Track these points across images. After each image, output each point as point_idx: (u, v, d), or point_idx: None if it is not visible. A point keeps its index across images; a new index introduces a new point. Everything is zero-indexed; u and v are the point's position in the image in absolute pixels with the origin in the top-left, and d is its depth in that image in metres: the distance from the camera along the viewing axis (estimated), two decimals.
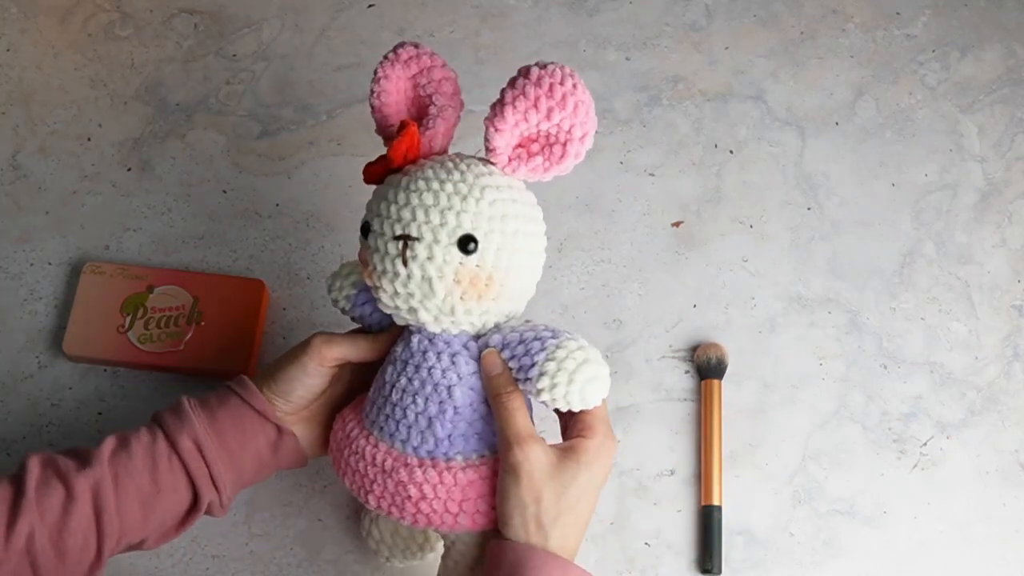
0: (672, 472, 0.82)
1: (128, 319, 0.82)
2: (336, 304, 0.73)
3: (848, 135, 0.93)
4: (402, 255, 0.61)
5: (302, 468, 0.78)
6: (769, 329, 0.86)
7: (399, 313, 0.65)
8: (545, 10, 0.97)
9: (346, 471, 0.67)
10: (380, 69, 0.67)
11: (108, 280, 0.83)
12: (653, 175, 0.91)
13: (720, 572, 0.78)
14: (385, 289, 0.63)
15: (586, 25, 0.96)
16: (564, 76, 0.60)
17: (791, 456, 0.82)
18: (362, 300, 0.71)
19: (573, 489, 0.61)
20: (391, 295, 0.63)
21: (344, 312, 0.72)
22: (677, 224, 0.90)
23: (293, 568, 0.78)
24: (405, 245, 0.61)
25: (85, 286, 0.83)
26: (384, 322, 0.70)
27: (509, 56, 0.94)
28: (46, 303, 0.85)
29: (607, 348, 0.85)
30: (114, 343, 0.82)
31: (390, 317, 0.67)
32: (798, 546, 0.80)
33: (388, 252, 0.62)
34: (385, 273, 0.62)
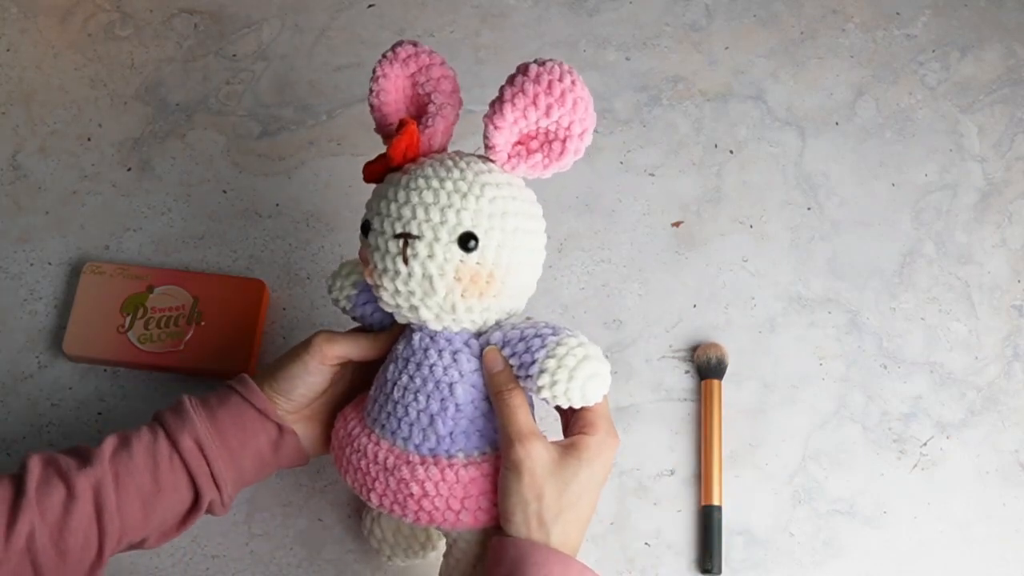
0: (672, 472, 0.82)
1: (128, 319, 0.82)
2: (337, 304, 0.72)
3: (848, 135, 0.93)
4: (403, 253, 0.61)
5: (303, 467, 0.78)
6: (769, 329, 0.86)
7: (400, 311, 0.65)
8: (545, 10, 0.97)
9: (348, 469, 0.67)
10: (379, 68, 0.67)
11: (108, 280, 0.83)
12: (653, 175, 0.91)
13: (720, 572, 0.78)
14: (386, 287, 0.63)
15: (586, 25, 0.96)
16: (563, 73, 0.60)
17: (791, 456, 0.82)
18: (363, 300, 0.71)
19: (575, 486, 0.62)
20: (392, 293, 0.63)
21: (345, 312, 0.72)
22: (677, 224, 0.90)
23: (293, 568, 0.78)
24: (405, 243, 0.61)
25: (85, 286, 0.83)
26: (386, 321, 0.70)
27: (509, 56, 0.94)
28: (46, 303, 0.85)
29: (607, 348, 0.85)
30: (114, 343, 0.82)
31: (392, 317, 0.67)
32: (798, 546, 0.80)
33: (389, 250, 0.62)
34: (386, 271, 0.62)
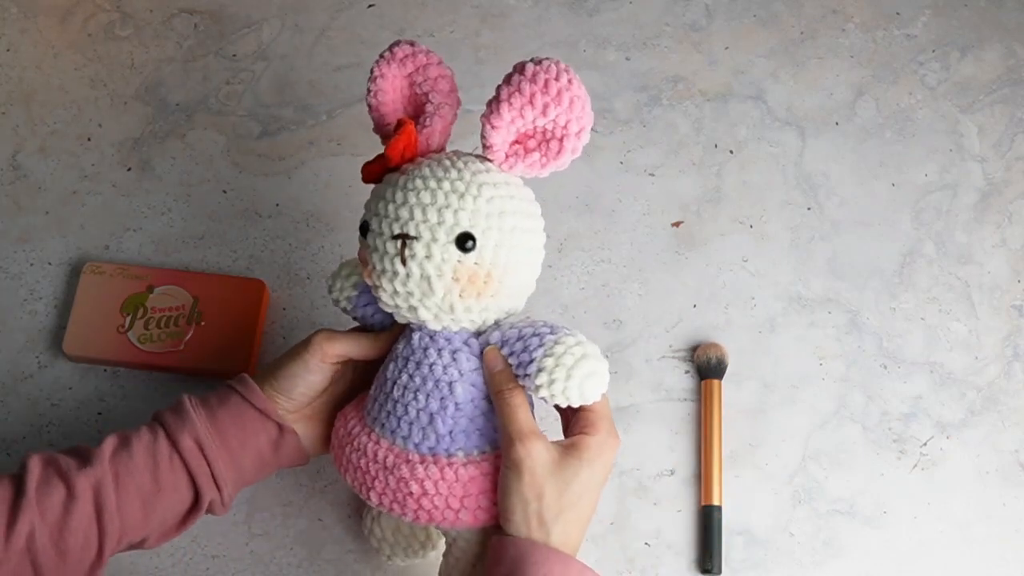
0: (672, 472, 0.81)
1: (128, 319, 0.82)
2: (337, 304, 0.73)
3: (848, 135, 0.93)
4: (401, 254, 0.61)
5: (303, 467, 0.78)
6: (769, 329, 0.86)
7: (399, 311, 0.65)
8: (545, 10, 0.97)
9: (348, 468, 0.67)
10: (376, 68, 0.67)
11: (108, 280, 0.83)
12: (653, 175, 0.91)
13: (720, 572, 0.78)
14: (385, 288, 0.63)
15: (586, 25, 0.96)
16: (559, 71, 0.60)
17: (791, 456, 0.82)
18: (364, 301, 0.71)
19: (575, 486, 0.61)
20: (391, 294, 0.63)
21: (346, 312, 0.73)
22: (677, 224, 0.90)
23: (293, 568, 0.78)
24: (403, 244, 0.61)
25: (85, 286, 0.83)
26: (387, 322, 0.70)
27: (509, 56, 0.94)
28: (46, 303, 0.85)
29: (607, 348, 0.85)
30: (114, 343, 0.82)
31: (392, 317, 0.67)
32: (798, 546, 0.80)
33: (387, 251, 0.62)
34: (384, 272, 0.62)
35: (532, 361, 0.62)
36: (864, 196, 0.91)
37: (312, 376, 0.69)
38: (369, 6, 0.97)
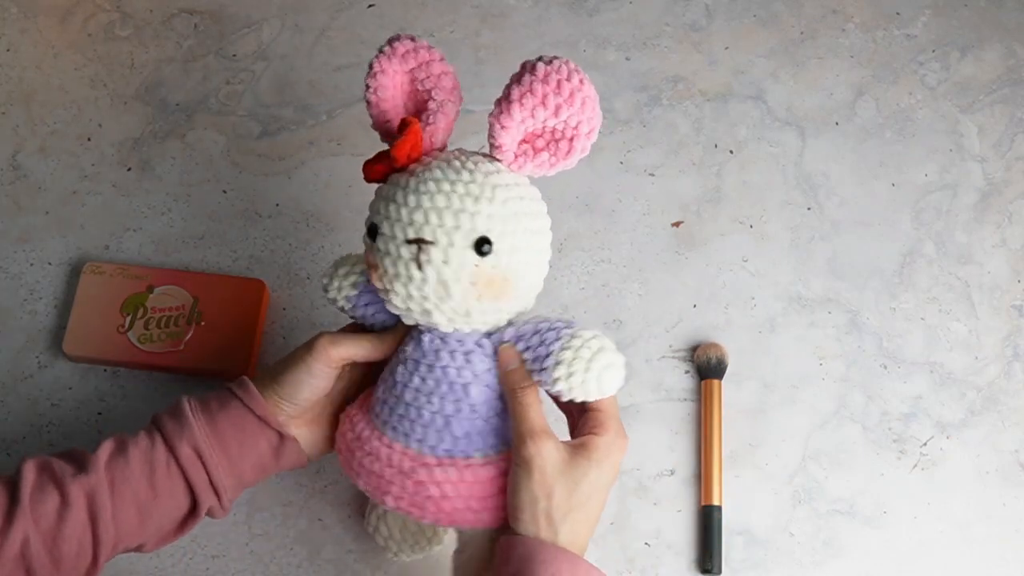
0: (672, 472, 0.82)
1: (128, 319, 0.82)
2: (335, 304, 0.71)
3: (848, 135, 0.93)
4: (416, 259, 0.60)
5: (302, 467, 0.78)
6: (769, 329, 0.86)
7: (411, 315, 0.63)
8: (545, 10, 0.97)
9: (360, 473, 0.66)
10: (376, 63, 0.65)
11: (108, 280, 0.83)
12: (653, 175, 0.91)
13: (720, 572, 0.78)
14: (397, 292, 0.62)
15: (586, 25, 0.96)
16: (571, 72, 0.59)
17: (791, 456, 0.82)
18: (364, 301, 0.69)
19: (584, 486, 0.61)
20: (404, 298, 0.62)
21: (343, 311, 0.72)
22: (677, 224, 0.90)
23: (293, 568, 0.78)
24: (419, 249, 0.60)
25: (85, 286, 0.83)
26: (388, 321, 0.69)
27: (509, 56, 0.94)
28: (46, 303, 0.85)
29: None
30: (114, 343, 0.82)
31: (394, 317, 0.66)
32: (798, 546, 0.80)
33: (401, 256, 0.60)
34: (398, 277, 0.61)
35: (549, 355, 0.61)
36: (864, 196, 0.91)
37: (316, 381, 0.68)
38: (369, 6, 0.97)
